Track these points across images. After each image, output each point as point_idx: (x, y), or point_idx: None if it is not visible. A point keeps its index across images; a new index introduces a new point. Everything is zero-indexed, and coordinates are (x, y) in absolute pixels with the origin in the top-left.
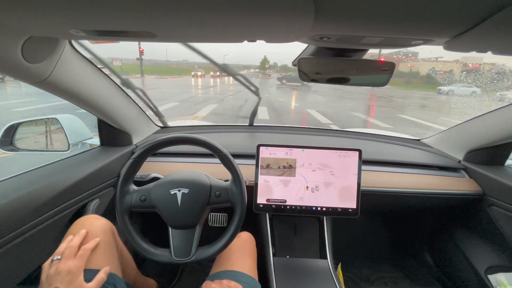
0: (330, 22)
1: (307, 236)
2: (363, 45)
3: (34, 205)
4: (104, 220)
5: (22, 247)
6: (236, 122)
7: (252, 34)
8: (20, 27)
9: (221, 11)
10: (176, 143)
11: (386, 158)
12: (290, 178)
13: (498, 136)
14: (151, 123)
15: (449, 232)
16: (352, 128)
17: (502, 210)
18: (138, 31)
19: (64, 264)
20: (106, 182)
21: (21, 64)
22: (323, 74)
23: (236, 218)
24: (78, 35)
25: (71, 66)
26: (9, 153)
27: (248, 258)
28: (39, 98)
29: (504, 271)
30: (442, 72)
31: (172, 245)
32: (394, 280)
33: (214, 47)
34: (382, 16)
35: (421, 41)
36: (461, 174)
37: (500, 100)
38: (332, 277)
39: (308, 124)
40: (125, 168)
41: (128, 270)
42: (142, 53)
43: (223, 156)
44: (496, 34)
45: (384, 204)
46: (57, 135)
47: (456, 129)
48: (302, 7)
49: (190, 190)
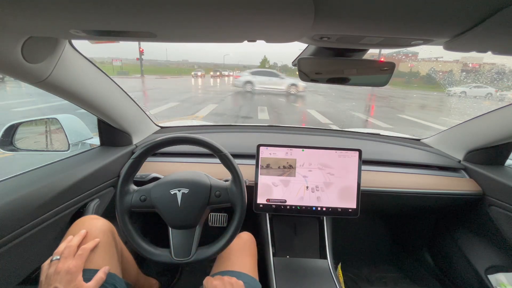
0: (330, 22)
1: (307, 236)
2: (363, 45)
3: (34, 205)
4: (104, 221)
5: (22, 247)
6: (236, 122)
7: (252, 34)
8: (20, 27)
9: (221, 11)
10: (176, 143)
11: (386, 158)
12: (290, 178)
13: (498, 136)
14: (151, 123)
15: (449, 232)
16: (352, 128)
17: (502, 210)
18: (138, 31)
19: (63, 264)
20: (106, 182)
21: (21, 64)
22: (323, 74)
23: (236, 218)
24: (78, 35)
25: (71, 66)
26: (9, 153)
27: (248, 258)
28: (39, 98)
29: (504, 271)
30: (442, 72)
31: (172, 245)
32: (394, 280)
33: (214, 47)
34: (382, 16)
35: (421, 41)
36: (461, 174)
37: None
38: (332, 277)
39: (308, 124)
40: (125, 168)
41: (129, 270)
42: (142, 53)
43: (223, 156)
44: (496, 34)
45: (384, 204)
46: (57, 135)
47: (456, 129)
48: (302, 7)
49: (190, 190)
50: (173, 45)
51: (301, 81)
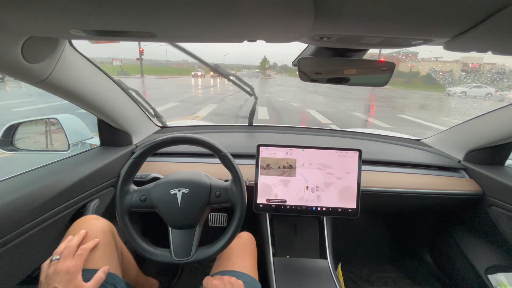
0: (330, 22)
1: (307, 236)
2: (363, 45)
3: (34, 205)
4: (104, 221)
5: (22, 247)
6: (236, 122)
7: (252, 34)
8: (20, 27)
9: (221, 11)
10: (176, 143)
11: (386, 158)
12: (290, 178)
13: (498, 136)
14: (151, 123)
15: (449, 232)
16: (352, 128)
17: (502, 210)
18: (138, 31)
19: (62, 264)
20: (106, 182)
21: (21, 64)
22: (323, 74)
23: (236, 218)
24: (78, 35)
25: (71, 66)
26: (9, 153)
27: (248, 258)
28: (39, 98)
29: (504, 271)
30: (442, 72)
31: (172, 245)
32: (394, 280)
33: (214, 47)
34: (382, 16)
35: (421, 41)
36: (461, 174)
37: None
38: (332, 277)
39: (308, 124)
40: (125, 168)
41: (129, 270)
42: (142, 53)
43: (223, 156)
44: (496, 34)
45: (384, 204)
46: (57, 135)
47: (456, 129)
48: (302, 7)
49: (190, 190)
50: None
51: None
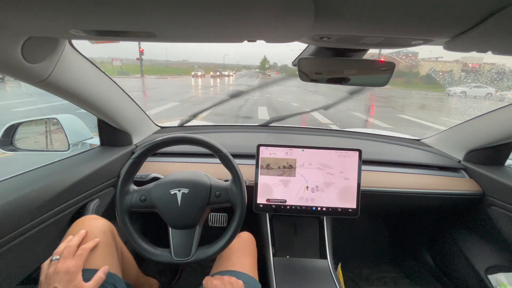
0: (330, 22)
1: (307, 236)
2: (363, 45)
3: (34, 205)
4: (104, 220)
5: (22, 247)
6: (236, 122)
7: (252, 34)
8: (20, 27)
9: (221, 11)
10: (176, 143)
11: (386, 158)
12: (290, 178)
13: (498, 136)
14: (151, 123)
15: (449, 232)
16: (352, 128)
17: (502, 210)
18: (138, 31)
19: (62, 264)
20: (106, 182)
21: (21, 64)
22: (323, 74)
23: (236, 218)
24: (78, 35)
25: (71, 66)
26: (9, 153)
27: (248, 258)
28: (39, 98)
29: (504, 271)
30: (442, 72)
31: (172, 245)
32: (394, 280)
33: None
34: (382, 16)
35: (421, 41)
36: (461, 174)
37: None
38: (332, 277)
39: (308, 124)
40: (125, 168)
41: (129, 270)
42: (142, 53)
43: (223, 156)
44: (496, 34)
45: (384, 204)
46: (57, 135)
47: (456, 129)
48: (302, 7)
49: (190, 190)
50: (173, 45)
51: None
